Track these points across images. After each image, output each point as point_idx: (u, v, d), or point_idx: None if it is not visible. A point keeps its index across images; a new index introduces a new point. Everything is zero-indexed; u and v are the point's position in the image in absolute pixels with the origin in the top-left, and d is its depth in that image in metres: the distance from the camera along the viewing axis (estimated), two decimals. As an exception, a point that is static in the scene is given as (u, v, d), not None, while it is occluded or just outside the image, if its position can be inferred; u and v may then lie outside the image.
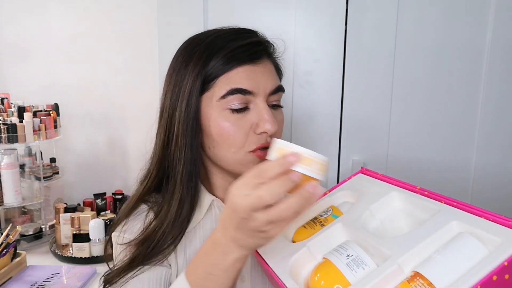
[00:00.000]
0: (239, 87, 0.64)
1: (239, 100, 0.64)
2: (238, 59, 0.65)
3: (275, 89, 0.68)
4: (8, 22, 1.48)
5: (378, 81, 1.07)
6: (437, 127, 1.08)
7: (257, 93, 0.65)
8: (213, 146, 0.68)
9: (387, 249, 0.48)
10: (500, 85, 1.06)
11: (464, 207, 0.50)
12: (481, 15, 1.04)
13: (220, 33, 0.68)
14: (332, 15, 1.05)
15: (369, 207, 0.58)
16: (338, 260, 0.50)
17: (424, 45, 1.05)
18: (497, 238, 0.43)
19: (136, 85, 1.46)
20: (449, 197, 0.52)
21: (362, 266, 0.48)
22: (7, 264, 1.04)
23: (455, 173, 1.10)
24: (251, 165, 0.67)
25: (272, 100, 0.68)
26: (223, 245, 0.51)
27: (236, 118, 0.65)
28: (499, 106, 1.07)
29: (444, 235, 0.47)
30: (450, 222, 0.48)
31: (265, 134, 0.66)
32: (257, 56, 0.66)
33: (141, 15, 1.42)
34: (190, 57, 0.68)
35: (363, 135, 1.09)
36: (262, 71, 0.67)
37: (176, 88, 0.69)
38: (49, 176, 1.36)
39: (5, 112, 1.35)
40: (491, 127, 1.08)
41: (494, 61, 1.05)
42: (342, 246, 0.52)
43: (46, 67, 1.49)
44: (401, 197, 0.59)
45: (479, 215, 0.47)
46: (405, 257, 0.46)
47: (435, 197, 0.54)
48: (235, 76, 0.65)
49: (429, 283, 0.42)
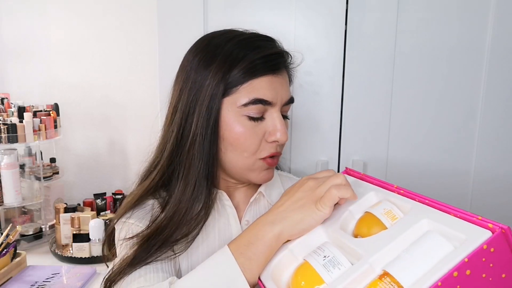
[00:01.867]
0: (262, 98, 0.66)
1: (259, 110, 0.67)
2: (261, 69, 0.66)
3: (289, 100, 0.71)
4: (8, 22, 1.48)
5: (378, 81, 1.07)
6: (437, 127, 1.08)
7: (275, 103, 0.68)
8: (227, 149, 0.69)
9: (361, 249, 0.50)
10: (500, 85, 1.06)
11: (435, 204, 0.51)
12: (481, 15, 1.04)
13: (241, 39, 0.69)
14: (332, 15, 1.05)
15: (349, 208, 0.60)
16: (316, 261, 0.52)
17: (424, 45, 1.05)
18: (462, 235, 0.44)
19: (136, 85, 1.46)
20: (422, 195, 0.54)
21: (338, 266, 0.50)
22: (7, 264, 1.04)
23: (456, 171, 1.10)
24: (257, 171, 0.70)
25: (284, 110, 0.71)
26: (272, 215, 0.58)
27: (252, 125, 0.67)
28: (500, 106, 1.07)
29: (413, 234, 0.49)
30: (420, 221, 0.50)
31: (276, 143, 0.69)
32: (278, 67, 0.69)
33: (141, 15, 1.42)
34: (212, 59, 0.68)
35: (363, 135, 1.09)
36: (281, 82, 0.69)
37: (194, 88, 0.68)
38: (49, 176, 1.36)
39: (5, 112, 1.35)
40: (491, 126, 1.08)
41: (494, 61, 1.05)
42: (320, 247, 0.54)
43: (46, 67, 1.49)
44: (378, 197, 0.61)
45: (448, 212, 0.48)
46: (376, 257, 0.48)
47: (409, 195, 0.56)
48: (258, 86, 0.66)
49: (396, 282, 0.43)
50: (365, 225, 0.57)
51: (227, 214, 0.74)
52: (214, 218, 0.73)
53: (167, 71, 0.77)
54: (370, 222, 0.56)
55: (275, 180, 0.82)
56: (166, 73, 0.80)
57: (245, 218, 0.76)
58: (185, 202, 0.68)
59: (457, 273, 0.40)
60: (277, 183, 0.82)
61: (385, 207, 0.56)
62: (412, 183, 1.10)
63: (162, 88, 0.97)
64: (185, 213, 0.68)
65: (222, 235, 0.73)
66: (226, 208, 0.75)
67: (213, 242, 0.72)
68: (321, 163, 1.08)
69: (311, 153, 1.10)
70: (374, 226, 0.55)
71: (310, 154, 1.10)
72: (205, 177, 0.68)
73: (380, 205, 0.57)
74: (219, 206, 0.75)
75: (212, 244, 0.72)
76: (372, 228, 0.55)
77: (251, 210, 0.76)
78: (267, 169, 0.72)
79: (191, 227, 0.68)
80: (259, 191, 0.77)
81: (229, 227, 0.73)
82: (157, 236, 0.66)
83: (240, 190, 0.78)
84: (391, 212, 0.55)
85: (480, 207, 1.10)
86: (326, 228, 0.58)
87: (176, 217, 0.67)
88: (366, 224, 0.57)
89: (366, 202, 0.61)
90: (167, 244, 0.66)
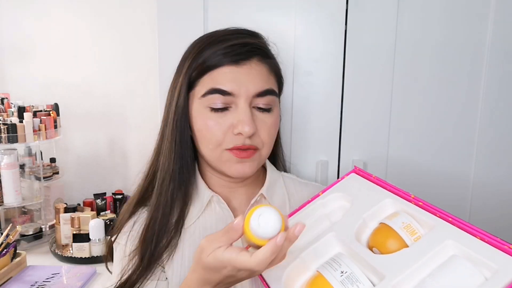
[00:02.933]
0: (218, 88, 0.66)
1: (220, 100, 0.66)
2: (220, 60, 0.67)
3: (262, 92, 0.68)
4: (8, 22, 1.47)
5: (378, 81, 1.07)
6: (437, 127, 1.08)
7: (238, 95, 0.66)
8: (199, 143, 0.71)
9: (382, 268, 0.48)
10: (500, 85, 1.06)
11: (460, 224, 0.48)
12: (481, 15, 1.04)
13: (214, 34, 0.71)
14: (332, 15, 1.05)
15: (362, 215, 0.57)
16: (332, 277, 0.49)
17: (425, 45, 1.05)
18: (493, 264, 0.41)
19: (136, 85, 1.46)
20: (444, 211, 0.51)
21: (357, 284, 0.48)
22: (7, 264, 1.04)
23: (456, 172, 1.10)
24: (228, 164, 0.69)
25: (259, 102, 0.68)
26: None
27: (216, 116, 0.67)
28: (499, 106, 1.07)
29: (438, 257, 0.46)
30: (445, 241, 0.47)
31: (242, 136, 0.67)
32: (242, 57, 0.67)
33: (141, 15, 1.42)
34: (185, 58, 0.71)
35: (363, 135, 1.09)
36: (247, 73, 0.67)
37: (172, 88, 0.73)
38: (49, 176, 1.36)
39: (5, 112, 1.35)
40: (491, 126, 1.07)
41: (494, 61, 1.04)
42: (336, 261, 0.51)
43: (46, 67, 1.49)
44: (396, 207, 0.58)
45: (475, 235, 0.46)
46: (399, 279, 0.45)
47: (430, 210, 0.53)
48: (217, 77, 0.67)
49: None
50: (382, 238, 0.53)
51: (225, 218, 0.73)
52: (212, 223, 0.73)
53: (167, 71, 0.77)
54: (388, 235, 0.53)
55: (277, 181, 0.80)
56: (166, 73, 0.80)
57: None
58: (164, 202, 0.70)
59: None
60: (279, 184, 0.80)
61: (403, 220, 0.53)
62: (412, 182, 1.10)
63: (162, 88, 0.97)
64: (163, 214, 0.69)
65: None
66: (224, 212, 0.74)
67: None
68: (321, 163, 1.08)
69: (311, 153, 1.10)
70: (391, 240, 0.52)
71: (310, 154, 1.10)
72: (181, 172, 0.70)
73: (398, 218, 0.54)
74: (218, 209, 0.74)
75: (207, 230, 0.72)
76: (389, 242, 0.52)
77: None
78: (240, 162, 0.69)
79: (177, 228, 0.69)
80: (260, 193, 0.75)
81: None
82: (148, 243, 0.68)
83: (238, 192, 0.77)
84: (410, 227, 0.52)
85: (480, 206, 1.10)
86: (339, 236, 0.56)
87: (158, 220, 0.69)
88: (383, 236, 0.54)
89: (381, 211, 0.58)
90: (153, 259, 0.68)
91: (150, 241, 0.68)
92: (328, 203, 0.67)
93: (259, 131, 0.69)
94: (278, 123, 0.74)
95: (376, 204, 0.58)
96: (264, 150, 0.71)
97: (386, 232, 0.53)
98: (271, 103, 0.70)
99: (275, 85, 0.72)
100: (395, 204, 0.57)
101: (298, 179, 0.85)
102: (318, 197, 0.68)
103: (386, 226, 0.54)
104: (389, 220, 0.54)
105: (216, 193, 0.74)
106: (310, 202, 0.68)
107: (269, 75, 0.70)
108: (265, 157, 0.73)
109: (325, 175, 1.08)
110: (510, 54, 1.05)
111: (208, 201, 0.73)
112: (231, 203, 0.76)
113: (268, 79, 0.70)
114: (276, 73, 0.74)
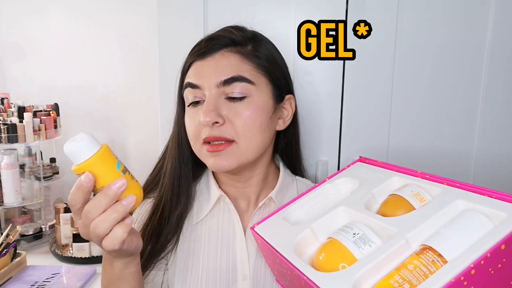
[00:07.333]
0: (188, 81, 0.69)
1: (190, 93, 0.68)
2: (190, 59, 0.70)
3: (228, 80, 0.65)
4: (8, 22, 1.48)
5: (378, 81, 1.06)
6: (437, 128, 1.08)
7: (203, 86, 0.67)
8: None
9: (394, 226, 0.48)
10: (500, 86, 1.06)
11: (467, 187, 0.50)
12: (481, 15, 1.04)
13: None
14: (332, 15, 1.05)
15: (371, 191, 0.58)
16: (345, 238, 0.49)
17: (424, 45, 1.05)
18: (502, 213, 0.44)
19: (136, 85, 1.46)
20: (451, 179, 0.53)
21: (369, 243, 0.48)
22: (7, 264, 1.04)
23: (456, 173, 1.10)
24: (206, 158, 0.68)
25: (228, 91, 0.66)
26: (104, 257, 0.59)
27: (191, 111, 0.69)
28: (499, 107, 1.07)
29: (449, 212, 0.48)
30: (455, 201, 0.49)
31: (208, 127, 0.65)
32: (207, 51, 0.68)
33: (141, 15, 1.42)
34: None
35: (363, 135, 1.09)
36: (210, 65, 0.67)
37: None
38: (49, 176, 1.36)
39: (5, 112, 1.35)
40: (491, 127, 1.08)
41: (494, 61, 1.04)
42: (348, 226, 0.52)
43: (46, 67, 1.49)
44: (403, 182, 0.59)
45: (482, 194, 0.48)
46: (413, 233, 0.46)
47: (437, 180, 0.54)
48: (189, 73, 0.70)
49: (439, 255, 0.42)
50: (392, 206, 0.53)
51: (232, 219, 0.73)
52: (218, 222, 0.73)
53: (167, 71, 0.77)
54: (398, 204, 0.53)
55: (289, 186, 0.78)
56: (166, 73, 0.80)
57: (252, 221, 0.72)
58: (164, 200, 0.72)
59: (504, 246, 0.40)
60: (291, 188, 0.78)
61: (412, 189, 0.54)
62: (412, 183, 1.10)
63: (162, 88, 0.97)
64: (163, 210, 0.71)
65: (226, 238, 0.72)
66: (232, 212, 0.73)
67: (215, 244, 0.72)
68: (321, 163, 1.08)
69: (311, 153, 1.10)
70: (401, 208, 0.52)
71: (310, 154, 1.10)
72: (179, 170, 0.73)
73: (407, 188, 0.55)
74: (225, 209, 0.74)
75: (214, 247, 0.72)
76: (400, 209, 0.52)
77: (259, 214, 0.73)
78: (214, 156, 0.66)
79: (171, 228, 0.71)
80: (269, 196, 0.73)
81: (234, 231, 0.73)
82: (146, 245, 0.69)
83: (246, 192, 0.75)
84: (419, 194, 0.53)
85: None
86: (348, 209, 0.56)
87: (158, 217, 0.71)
88: (392, 205, 0.54)
89: (389, 187, 0.59)
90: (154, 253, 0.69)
91: (150, 236, 0.70)
92: (336, 186, 0.68)
93: (232, 121, 0.65)
94: (261, 112, 0.67)
95: (384, 181, 0.59)
96: (243, 142, 0.66)
97: (396, 201, 0.54)
98: (243, 91, 0.66)
99: (251, 73, 0.67)
100: (403, 180, 0.58)
101: (307, 182, 0.83)
102: (326, 182, 0.69)
103: (396, 196, 0.54)
104: (398, 191, 0.55)
105: (225, 191, 0.74)
106: (317, 186, 0.69)
107: (241, 63, 0.67)
108: (250, 150, 0.67)
109: (325, 175, 1.08)
110: (510, 54, 1.05)
111: (216, 200, 0.73)
112: (239, 204, 0.75)
113: (238, 67, 0.66)
114: (260, 63, 0.69)
